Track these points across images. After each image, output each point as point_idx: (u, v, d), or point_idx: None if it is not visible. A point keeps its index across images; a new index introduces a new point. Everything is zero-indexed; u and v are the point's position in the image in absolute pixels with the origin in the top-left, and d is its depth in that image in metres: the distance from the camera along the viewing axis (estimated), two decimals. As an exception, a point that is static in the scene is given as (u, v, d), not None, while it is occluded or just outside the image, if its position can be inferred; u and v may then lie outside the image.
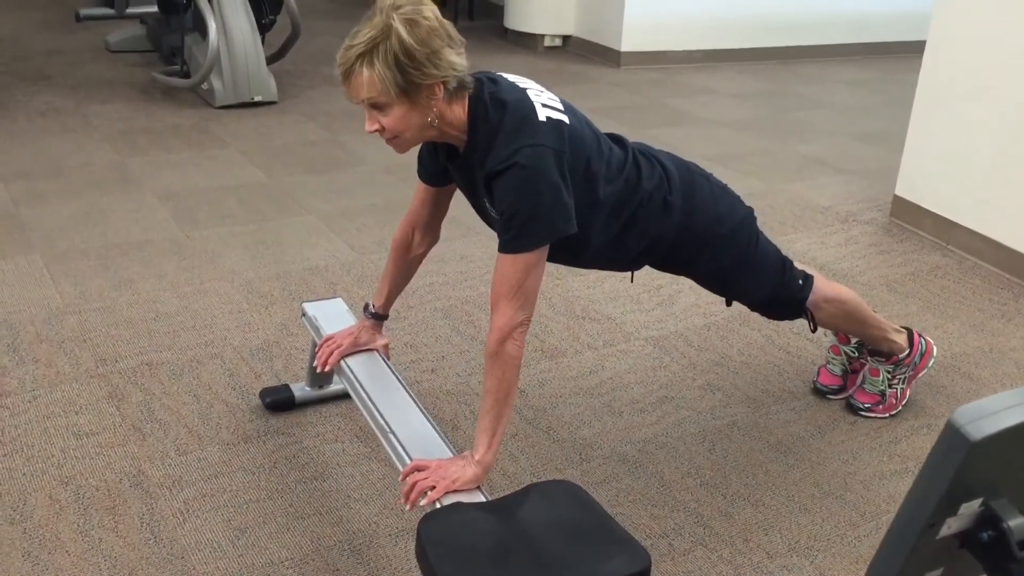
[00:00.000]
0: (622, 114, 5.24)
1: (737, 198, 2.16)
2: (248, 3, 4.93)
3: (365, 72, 1.64)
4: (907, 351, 2.44)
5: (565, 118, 1.79)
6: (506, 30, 6.97)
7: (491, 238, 3.59)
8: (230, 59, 4.82)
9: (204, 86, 4.94)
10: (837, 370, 2.55)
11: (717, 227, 2.07)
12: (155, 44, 5.86)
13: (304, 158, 4.28)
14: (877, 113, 5.56)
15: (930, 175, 3.68)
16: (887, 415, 2.46)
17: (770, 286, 2.20)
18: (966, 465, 0.78)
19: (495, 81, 1.81)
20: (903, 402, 2.48)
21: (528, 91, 1.81)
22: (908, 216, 3.76)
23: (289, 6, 5.03)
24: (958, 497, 0.82)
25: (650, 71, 6.27)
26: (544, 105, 1.78)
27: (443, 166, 1.94)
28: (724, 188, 2.15)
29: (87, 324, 2.76)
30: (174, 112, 4.85)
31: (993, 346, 2.87)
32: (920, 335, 2.49)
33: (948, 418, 0.77)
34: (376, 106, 1.69)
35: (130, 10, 6.50)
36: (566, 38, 6.77)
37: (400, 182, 4.01)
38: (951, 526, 0.84)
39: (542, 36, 6.73)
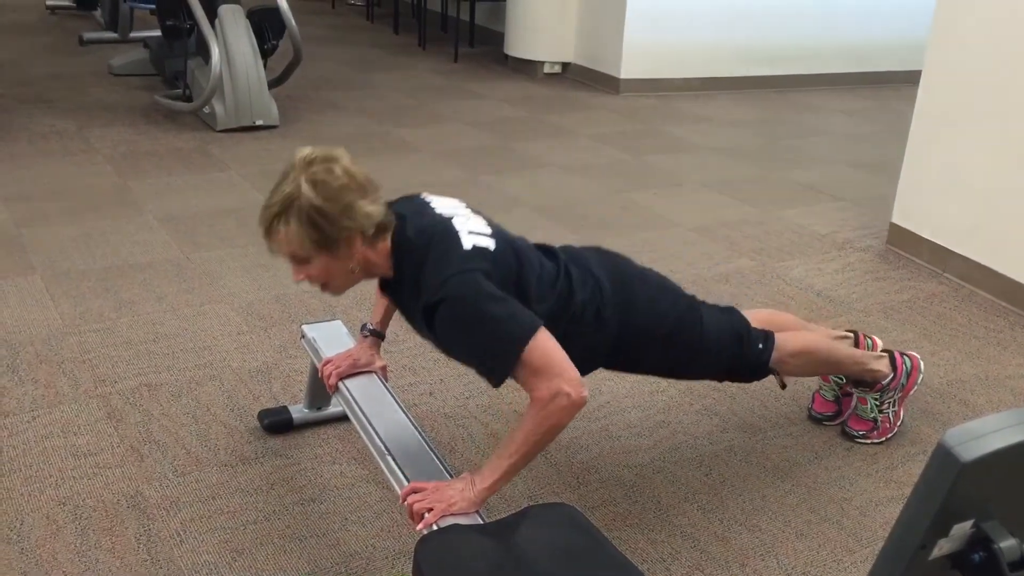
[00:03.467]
0: (621, 140, 5.28)
1: (675, 290, 2.12)
2: (251, 28, 4.98)
3: (282, 230, 1.70)
4: (891, 376, 2.42)
5: (491, 244, 1.80)
6: (506, 56, 7.03)
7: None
8: (232, 83, 4.86)
9: (206, 110, 4.98)
10: (829, 396, 2.56)
11: (657, 328, 2.04)
12: (158, 68, 5.91)
13: (304, 182, 4.30)
14: (873, 141, 5.61)
15: (926, 203, 3.70)
16: (883, 439, 2.47)
17: (726, 362, 2.14)
18: (957, 486, 0.79)
19: (420, 213, 1.84)
20: (898, 423, 2.48)
21: (454, 219, 1.82)
22: (904, 244, 3.79)
23: (291, 31, 5.08)
24: (949, 518, 0.83)
25: (649, 98, 6.32)
26: (471, 232, 1.79)
27: None
28: (661, 285, 2.11)
29: (87, 345, 2.77)
30: (176, 135, 4.89)
31: (989, 373, 2.88)
32: (903, 355, 2.46)
33: (940, 439, 0.79)
34: (298, 259, 1.75)
35: (133, 34, 6.58)
36: (566, 65, 6.83)
37: (400, 206, 4.03)
38: (943, 547, 0.85)
39: (542, 63, 6.78)
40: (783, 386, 2.29)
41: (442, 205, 1.89)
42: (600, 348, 1.98)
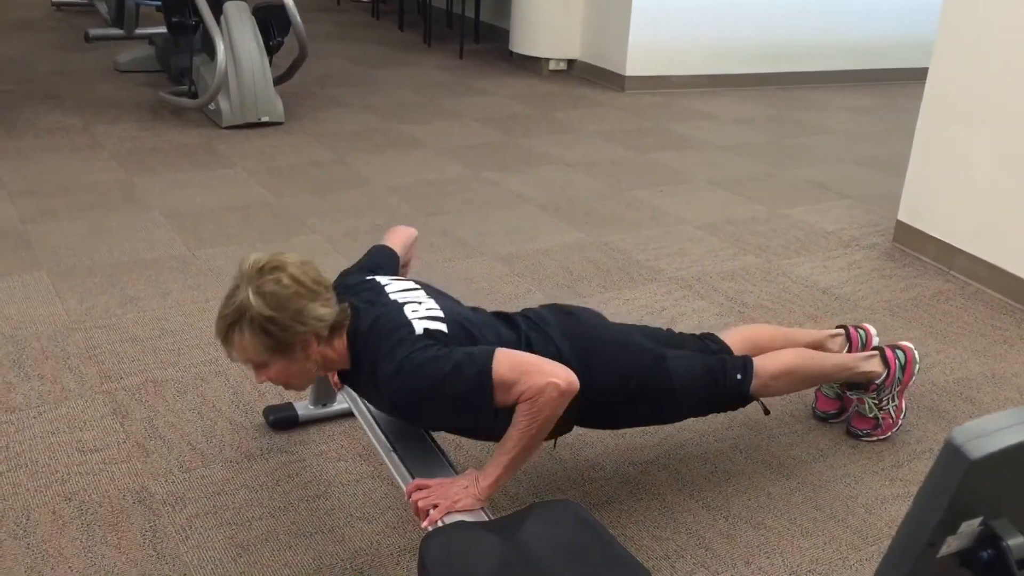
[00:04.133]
0: (626, 138, 5.28)
1: (639, 346, 2.07)
2: (256, 25, 4.98)
3: (237, 339, 1.71)
4: (884, 374, 2.40)
5: (444, 327, 1.79)
6: (511, 53, 7.03)
7: (494, 258, 3.61)
8: (238, 80, 4.86)
9: (211, 106, 4.99)
10: (831, 394, 2.55)
11: (624, 387, 2.01)
12: (164, 64, 5.92)
13: (309, 178, 4.31)
14: (879, 139, 5.59)
15: (933, 201, 3.70)
16: (887, 435, 2.46)
17: (706, 400, 2.13)
18: (965, 484, 0.79)
19: (372, 302, 1.84)
20: (900, 417, 2.47)
21: (405, 307, 1.82)
22: (911, 241, 3.78)
23: (297, 28, 5.08)
24: (958, 516, 0.82)
25: (654, 95, 6.31)
26: (422, 317, 1.80)
27: None
28: (623, 343, 2.07)
29: (93, 341, 2.77)
30: (181, 132, 4.89)
31: (995, 371, 2.87)
32: (894, 349, 2.42)
33: (948, 437, 0.78)
34: (257, 365, 1.76)
35: (139, 31, 6.58)
36: (571, 62, 6.82)
37: (404, 203, 4.04)
38: (951, 545, 0.85)
39: (547, 60, 6.78)
40: (766, 412, 2.24)
41: (396, 289, 1.89)
42: (567, 412, 1.89)
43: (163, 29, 5.49)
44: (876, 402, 2.43)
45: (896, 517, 2.20)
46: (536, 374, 1.68)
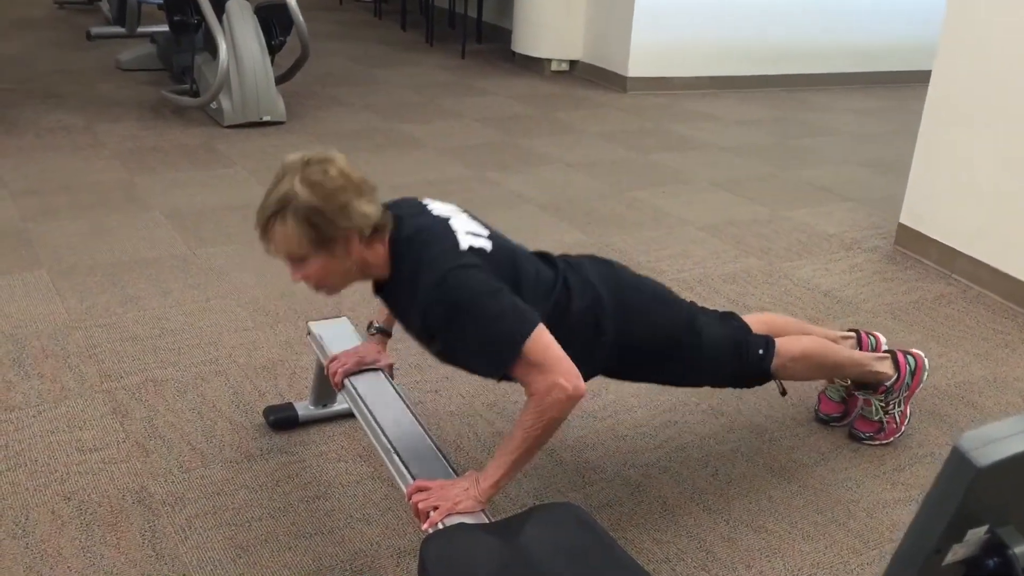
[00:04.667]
0: (628, 139, 5.27)
1: (673, 302, 2.11)
2: (258, 24, 4.98)
3: (279, 230, 1.70)
4: (894, 377, 2.40)
5: (488, 245, 1.79)
6: (513, 54, 7.02)
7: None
8: (239, 79, 4.86)
9: (213, 105, 4.98)
10: (836, 397, 2.55)
11: (656, 339, 2.03)
12: (165, 63, 5.91)
13: (311, 178, 4.30)
14: (882, 141, 5.58)
15: (935, 204, 3.69)
16: (890, 440, 2.46)
17: (726, 370, 2.14)
18: (972, 491, 0.78)
19: (417, 214, 1.84)
20: (905, 422, 2.47)
21: (451, 220, 1.82)
22: (913, 244, 3.77)
23: (299, 27, 5.07)
24: (964, 523, 0.82)
25: (656, 96, 6.31)
26: (468, 233, 1.79)
27: None
28: (658, 296, 2.09)
29: (93, 340, 2.77)
30: (183, 131, 4.89)
31: (997, 375, 2.87)
32: (906, 354, 2.43)
33: (955, 443, 0.78)
34: (295, 259, 1.74)
35: (141, 29, 6.56)
36: (573, 63, 6.82)
37: (406, 203, 4.03)
38: (957, 552, 0.84)
39: (549, 60, 6.77)
40: (783, 393, 2.27)
41: (439, 207, 1.88)
42: (597, 357, 1.97)
43: (165, 28, 5.48)
44: (883, 405, 2.43)
45: (897, 521, 2.19)
46: (555, 372, 1.67)
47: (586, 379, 2.00)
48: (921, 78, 4.37)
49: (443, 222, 1.81)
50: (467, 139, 5.08)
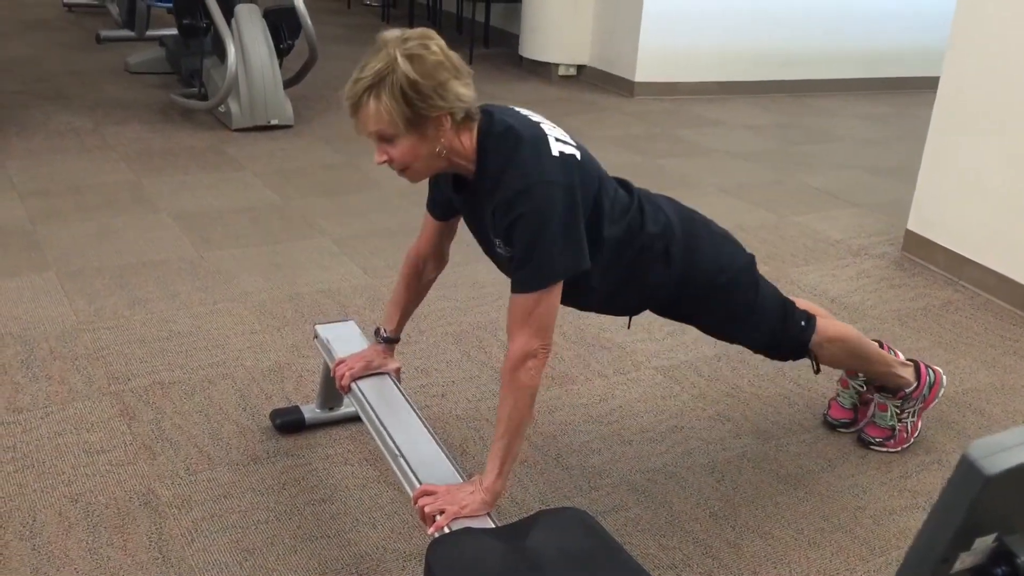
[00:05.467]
0: (635, 143, 5.27)
1: (738, 245, 2.15)
2: (267, 28, 4.99)
3: (372, 104, 1.65)
4: (914, 385, 2.42)
5: (577, 153, 1.80)
6: (521, 58, 7.03)
7: (503, 264, 3.57)
8: (248, 82, 4.87)
9: (221, 108, 4.99)
10: (847, 403, 2.55)
11: (718, 277, 2.06)
12: (174, 66, 5.93)
13: (319, 181, 4.32)
14: (889, 147, 5.58)
15: (943, 210, 3.68)
16: (899, 449, 2.45)
17: (771, 331, 2.18)
18: (981, 499, 0.78)
19: (508, 113, 1.82)
20: (915, 435, 2.47)
21: (542, 124, 1.82)
22: (920, 251, 3.76)
23: (307, 31, 5.09)
24: (972, 532, 0.81)
25: (663, 102, 6.31)
26: (557, 139, 1.79)
27: (448, 198, 1.95)
28: (725, 236, 2.14)
29: (100, 342, 2.77)
30: (191, 134, 4.90)
31: (1004, 383, 2.86)
32: (928, 367, 2.47)
33: (964, 452, 0.78)
34: (384, 138, 1.70)
35: (150, 32, 6.60)
36: (581, 68, 6.82)
37: (413, 206, 4.03)
38: (965, 561, 0.84)
39: (557, 65, 6.78)
40: (817, 370, 2.28)
41: (529, 112, 1.87)
42: (663, 285, 2.01)
43: (174, 31, 5.50)
44: (898, 411, 2.43)
45: (904, 528, 2.18)
46: (537, 338, 1.72)
47: (638, 312, 2.11)
48: (928, 84, 4.36)
49: (535, 124, 1.80)
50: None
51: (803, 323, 2.19)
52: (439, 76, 1.66)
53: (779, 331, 2.18)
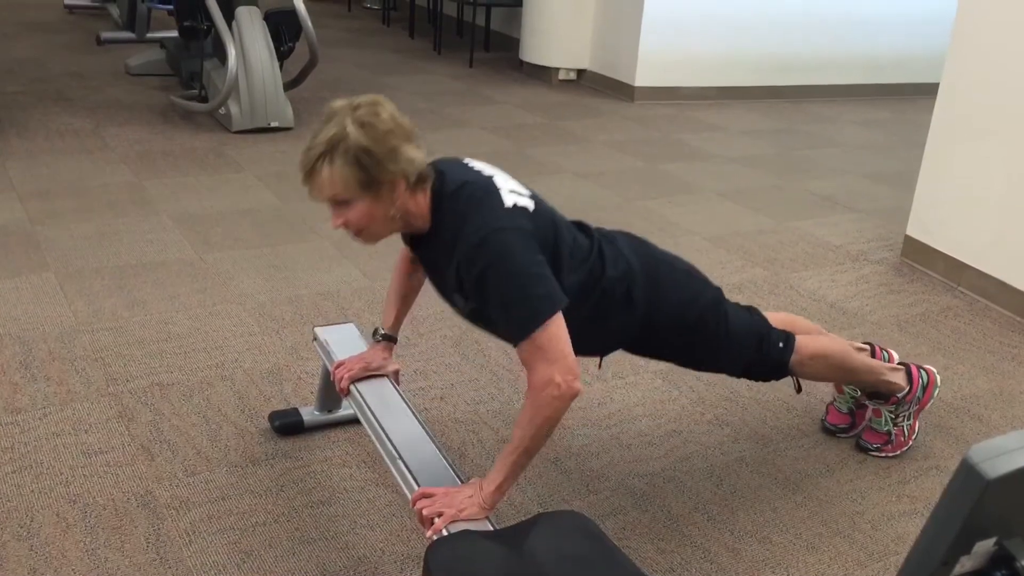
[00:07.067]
0: (634, 148, 5.27)
1: (703, 281, 2.14)
2: (267, 30, 5.00)
3: (326, 171, 1.69)
4: (906, 389, 2.41)
5: (530, 204, 1.80)
6: (521, 63, 7.04)
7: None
8: (248, 85, 4.88)
9: (222, 111, 5.00)
10: (844, 408, 2.55)
11: (685, 315, 2.05)
12: (174, 68, 5.93)
13: (318, 184, 4.31)
14: (888, 153, 5.58)
15: (942, 216, 3.68)
16: (897, 453, 2.45)
17: (747, 359, 2.16)
18: (981, 503, 0.78)
19: (460, 170, 1.84)
20: (913, 437, 2.46)
21: (494, 178, 1.83)
22: (919, 257, 3.76)
23: (308, 34, 5.09)
24: (972, 535, 0.81)
25: (663, 106, 6.32)
26: (511, 191, 1.80)
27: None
28: (689, 272, 2.13)
29: (99, 343, 2.77)
30: (191, 136, 4.90)
31: (1003, 389, 2.86)
32: (919, 368, 2.44)
33: (964, 455, 0.78)
34: (340, 202, 1.74)
35: (150, 34, 6.60)
36: (581, 72, 6.83)
37: (413, 210, 4.03)
38: (965, 564, 0.84)
39: (557, 69, 6.79)
40: (799, 389, 2.28)
41: (481, 165, 1.89)
42: (627, 328, 2.00)
43: (175, 33, 5.51)
44: (893, 416, 2.42)
45: (902, 534, 2.18)
46: (555, 365, 1.69)
47: (608, 352, 2.09)
48: (927, 90, 4.37)
49: (487, 179, 1.82)
50: (474, 148, 5.09)
51: (780, 344, 2.16)
52: (391, 141, 1.70)
53: (755, 357, 2.15)
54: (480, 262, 1.70)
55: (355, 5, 9.80)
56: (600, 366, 2.29)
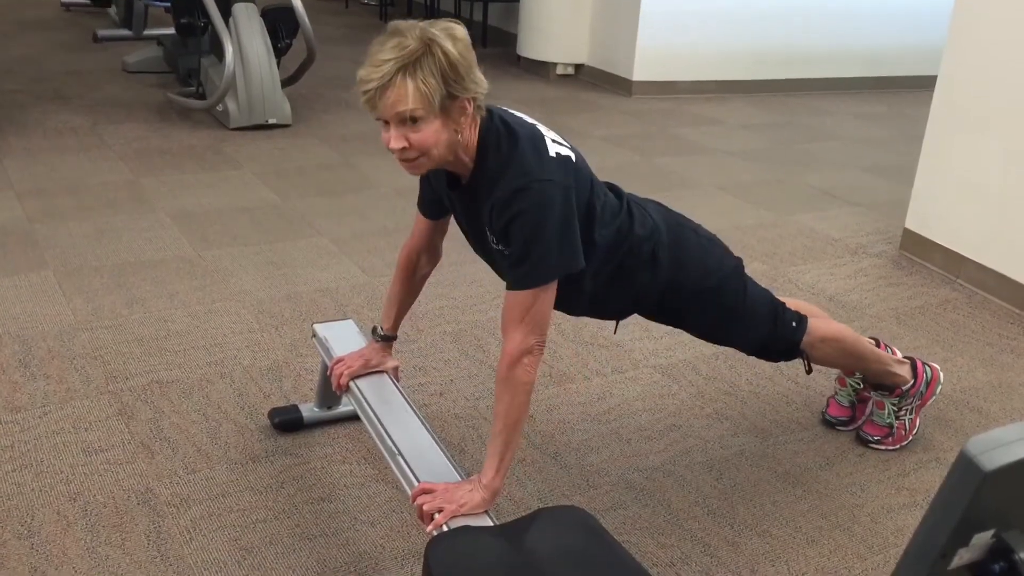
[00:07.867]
0: (632, 142, 5.27)
1: (725, 249, 2.15)
2: (264, 27, 4.99)
3: (408, 83, 1.60)
4: (911, 382, 2.42)
5: (572, 155, 1.80)
6: (519, 58, 7.03)
7: (501, 263, 3.57)
8: (245, 82, 4.87)
9: (219, 108, 4.99)
10: (845, 401, 2.55)
11: (705, 280, 2.07)
12: (172, 66, 5.93)
13: (316, 180, 4.31)
14: (887, 146, 5.58)
15: (940, 209, 3.68)
16: (897, 447, 2.45)
17: (761, 334, 2.18)
18: (979, 495, 0.78)
19: (506, 113, 1.83)
20: (913, 432, 2.47)
21: (537, 126, 1.83)
22: (918, 249, 3.76)
23: (305, 31, 5.09)
24: (970, 527, 0.82)
25: (661, 100, 6.31)
26: (553, 140, 1.79)
27: (439, 196, 1.95)
28: (712, 240, 2.14)
29: (98, 341, 2.77)
30: (189, 133, 4.90)
31: (1002, 381, 2.86)
32: (925, 364, 2.47)
33: (962, 448, 0.78)
34: (411, 120, 1.64)
35: (147, 32, 6.60)
36: (578, 67, 6.82)
37: (411, 205, 4.01)
38: (963, 557, 0.84)
39: (555, 64, 6.78)
40: (809, 371, 2.29)
41: (524, 115, 1.88)
42: (650, 290, 2.01)
43: (172, 30, 5.50)
44: (895, 409, 2.43)
45: (902, 526, 2.19)
46: (534, 335, 1.72)
47: (625, 316, 2.11)
48: (925, 83, 4.36)
49: (532, 125, 1.81)
50: (472, 142, 5.08)
51: (794, 324, 2.19)
52: (471, 58, 1.67)
53: (769, 333, 2.18)
54: (518, 205, 1.68)
55: (352, 1, 9.78)
56: (616, 331, 2.30)
